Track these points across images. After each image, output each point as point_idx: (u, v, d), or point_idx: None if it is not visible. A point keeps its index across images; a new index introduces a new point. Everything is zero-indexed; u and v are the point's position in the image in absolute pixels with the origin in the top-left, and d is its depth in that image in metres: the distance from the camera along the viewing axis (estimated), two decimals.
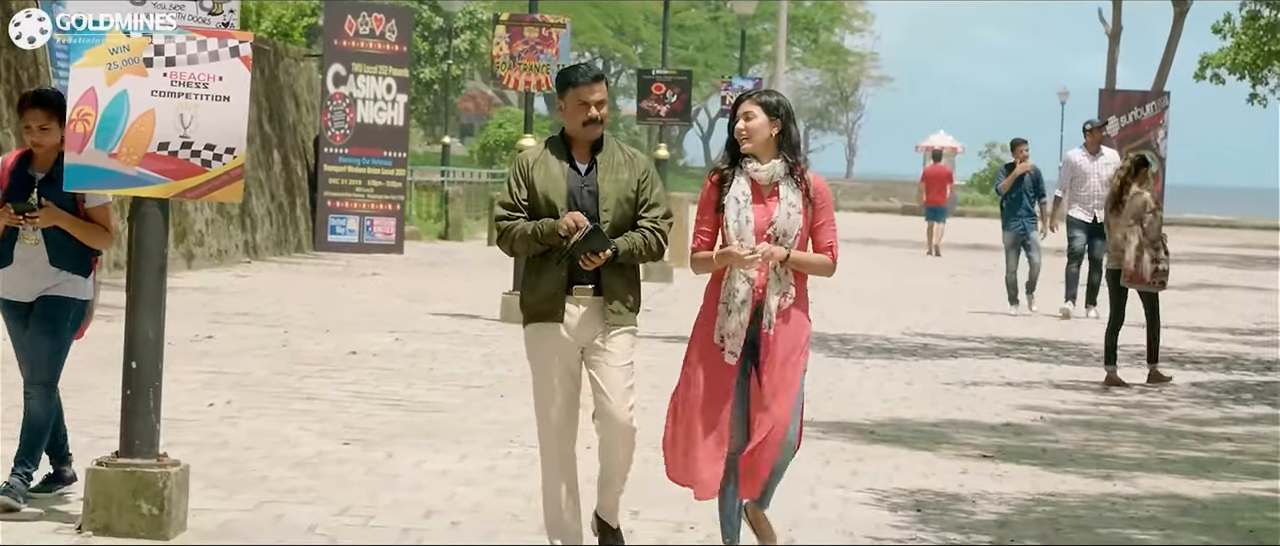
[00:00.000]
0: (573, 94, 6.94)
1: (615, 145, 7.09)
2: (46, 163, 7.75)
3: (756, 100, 7.07)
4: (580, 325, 6.94)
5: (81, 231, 7.72)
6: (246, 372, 12.47)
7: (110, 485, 7.38)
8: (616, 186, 6.95)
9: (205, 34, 7.51)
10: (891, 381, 13.51)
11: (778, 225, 6.94)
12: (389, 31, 25.78)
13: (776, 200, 6.97)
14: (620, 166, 6.99)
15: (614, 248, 6.83)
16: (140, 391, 7.52)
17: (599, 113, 6.97)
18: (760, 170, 7.00)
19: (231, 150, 7.53)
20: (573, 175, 6.95)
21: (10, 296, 7.83)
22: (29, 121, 7.78)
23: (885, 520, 8.39)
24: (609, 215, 6.90)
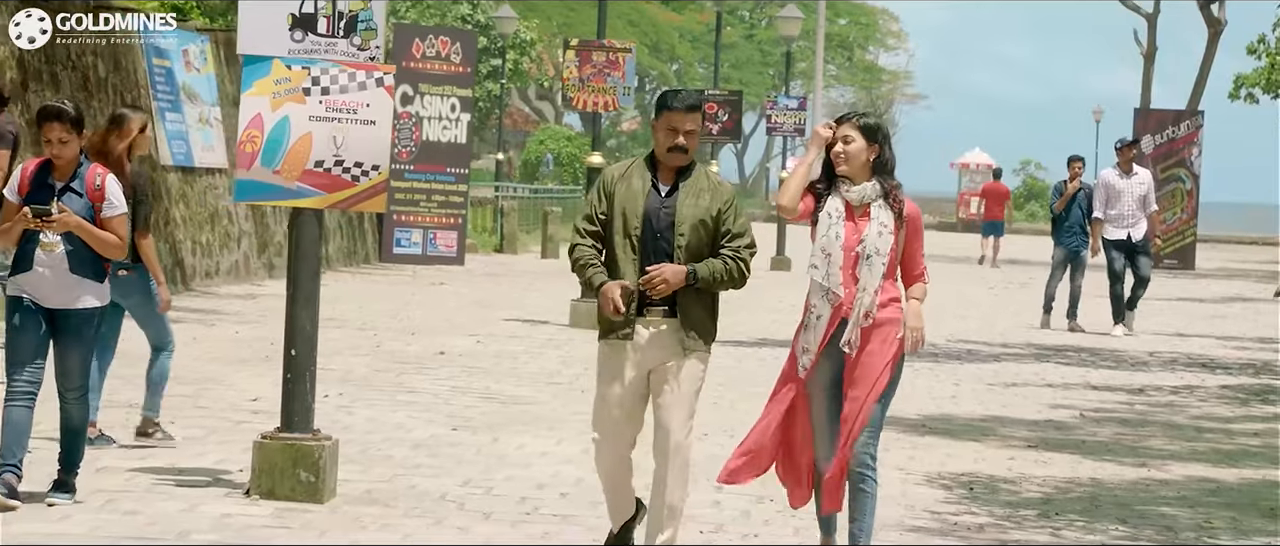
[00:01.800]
0: (666, 117, 7.02)
1: (703, 172, 7.12)
2: (66, 172, 7.99)
3: (856, 124, 7.15)
4: (650, 346, 7.00)
5: (96, 240, 7.93)
6: (349, 370, 13.60)
7: (273, 456, 8.50)
8: (695, 211, 6.98)
9: (354, 67, 8.64)
10: (939, 382, 14.58)
11: (867, 243, 7.05)
12: (454, 53, 26.95)
13: (868, 220, 7.07)
14: (702, 192, 7.02)
15: (693, 272, 6.91)
16: (298, 375, 8.65)
17: (687, 142, 7.01)
18: (852, 191, 7.10)
19: (376, 167, 8.67)
20: (653, 195, 7.01)
21: (36, 300, 7.96)
22: (48, 134, 7.96)
23: (940, 498, 9.47)
24: (684, 239, 6.94)
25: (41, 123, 8.00)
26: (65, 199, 7.91)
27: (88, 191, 7.97)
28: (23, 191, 7.95)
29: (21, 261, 7.95)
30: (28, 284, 7.94)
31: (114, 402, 10.62)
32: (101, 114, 17.88)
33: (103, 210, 7.98)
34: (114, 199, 8.03)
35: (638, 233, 6.98)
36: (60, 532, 7.53)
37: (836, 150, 7.11)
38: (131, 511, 8.02)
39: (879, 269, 7.07)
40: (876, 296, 7.06)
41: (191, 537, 7.58)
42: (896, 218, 7.09)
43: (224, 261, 21.13)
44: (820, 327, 7.07)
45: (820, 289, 7.09)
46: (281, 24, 8.61)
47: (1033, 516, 9.06)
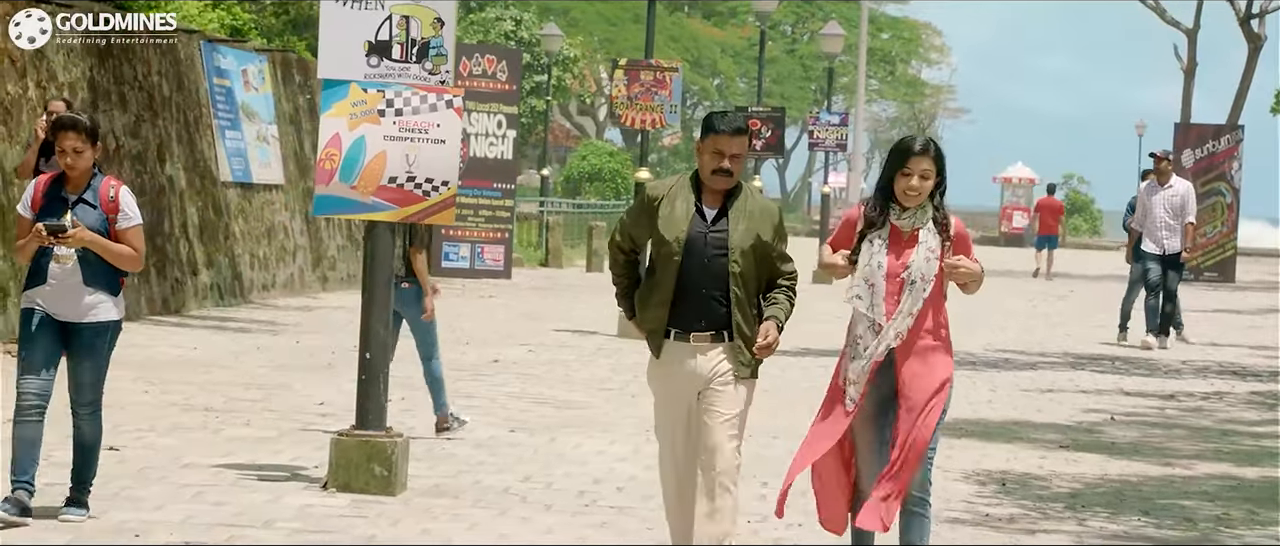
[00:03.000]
0: (712, 141, 6.88)
1: (748, 192, 7.00)
2: (79, 185, 7.86)
3: (932, 157, 6.92)
4: (697, 366, 6.94)
5: (111, 254, 7.81)
6: (408, 376, 14.15)
7: (349, 452, 9.11)
8: (747, 238, 6.88)
9: (426, 89, 9.26)
10: (975, 389, 15.12)
11: (913, 269, 6.91)
12: (500, 72, 27.61)
13: (914, 246, 6.93)
14: (752, 215, 6.91)
15: (778, 325, 6.89)
16: (372, 377, 9.26)
17: (732, 166, 6.88)
18: (904, 218, 6.97)
19: (446, 182, 9.28)
20: (696, 220, 6.89)
21: (52, 313, 7.84)
22: (63, 145, 7.82)
23: (974, 492, 10.02)
24: (738, 266, 6.85)
25: (56, 133, 7.89)
26: (78, 211, 7.79)
27: (102, 203, 7.85)
28: (36, 206, 7.85)
29: (35, 275, 7.84)
30: (41, 296, 7.83)
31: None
32: (166, 132, 18.63)
33: (118, 222, 7.85)
34: (129, 210, 7.91)
35: (678, 260, 6.85)
36: (156, 521, 8.13)
37: (913, 184, 6.90)
38: (220, 502, 8.63)
39: (922, 294, 6.89)
40: (911, 320, 6.88)
41: (277, 525, 8.17)
42: (943, 242, 6.93)
43: (280, 274, 21.81)
44: (868, 357, 6.91)
45: (865, 319, 6.93)
46: (359, 50, 9.21)
47: (1060, 509, 9.60)
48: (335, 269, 23.93)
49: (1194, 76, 47.71)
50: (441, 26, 9.35)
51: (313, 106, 23.96)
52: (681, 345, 6.92)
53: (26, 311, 7.87)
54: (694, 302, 6.88)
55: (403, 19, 9.30)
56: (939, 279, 6.92)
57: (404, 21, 9.29)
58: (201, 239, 19.24)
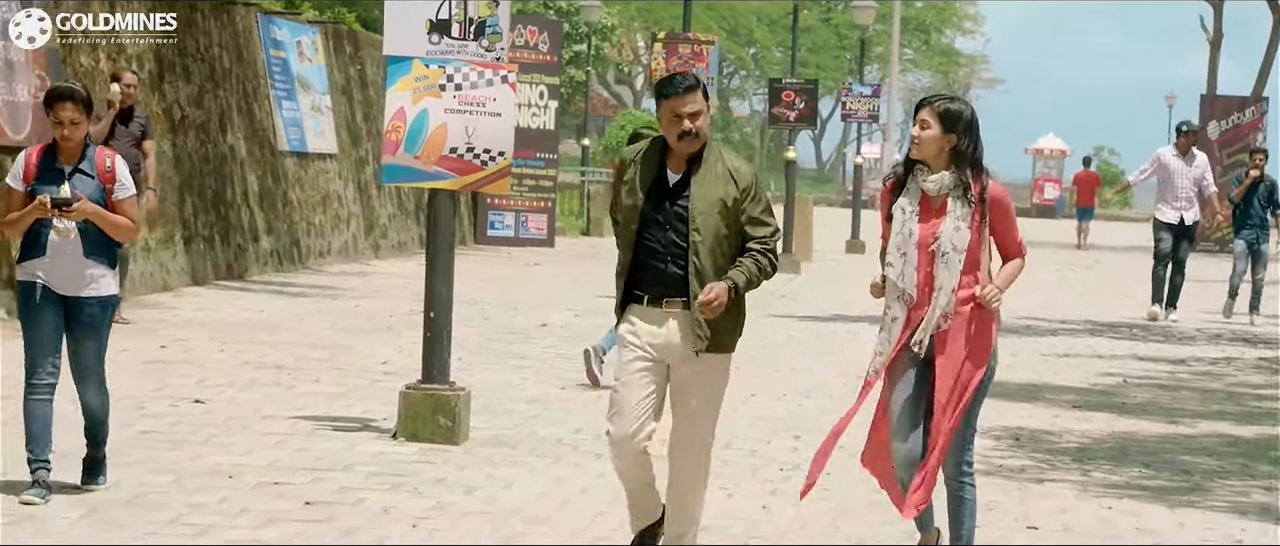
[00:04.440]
0: (665, 106, 6.61)
1: (718, 155, 6.71)
2: (73, 155, 7.76)
3: (936, 110, 6.76)
4: (667, 334, 6.69)
5: (110, 224, 7.73)
6: (464, 339, 15.00)
7: (416, 404, 9.96)
8: (709, 204, 6.60)
9: (483, 66, 10.08)
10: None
11: (943, 239, 6.67)
12: (542, 42, 28.44)
13: (944, 215, 6.70)
14: (717, 182, 6.63)
15: (734, 286, 6.57)
16: (437, 334, 10.10)
17: (694, 125, 6.60)
18: (929, 181, 6.75)
19: (502, 153, 10.12)
20: (661, 186, 6.66)
21: (51, 286, 7.73)
22: (60, 116, 7.69)
23: (989, 446, 10.82)
24: (699, 234, 6.58)
25: (52, 104, 7.74)
26: (77, 182, 7.69)
27: (99, 173, 7.76)
28: (29, 178, 7.71)
29: (32, 246, 7.71)
30: (41, 269, 7.70)
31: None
32: (227, 102, 19.53)
33: (114, 192, 7.76)
34: (124, 180, 7.83)
35: (636, 227, 6.66)
36: (246, 464, 8.99)
37: (913, 133, 6.80)
38: (301, 449, 9.50)
39: (956, 266, 6.66)
40: (953, 297, 6.67)
41: (355, 469, 9.03)
42: (976, 211, 6.68)
43: (335, 241, 22.71)
44: (896, 330, 6.75)
45: (896, 289, 6.75)
46: (421, 29, 10.02)
47: (1068, 462, 10.42)
48: (387, 236, 24.86)
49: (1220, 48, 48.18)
50: (496, 6, 10.16)
51: (363, 77, 24.85)
52: (653, 310, 6.66)
53: (26, 285, 7.73)
54: (659, 271, 6.63)
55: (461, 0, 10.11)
56: (974, 249, 6.66)
57: (463, 2, 10.10)
58: (261, 206, 20.15)
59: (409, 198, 26.12)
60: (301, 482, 8.57)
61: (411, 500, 8.31)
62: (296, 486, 8.46)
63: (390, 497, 8.33)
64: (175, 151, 17.93)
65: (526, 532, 7.79)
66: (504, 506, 8.31)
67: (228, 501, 8.02)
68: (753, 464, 9.75)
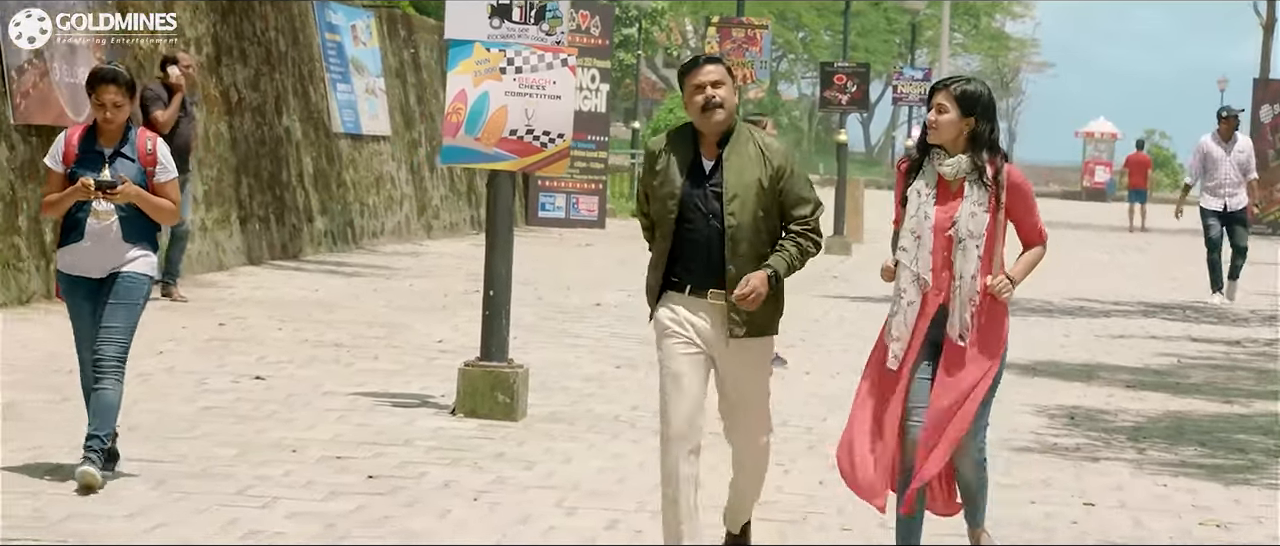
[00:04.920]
0: (687, 83, 6.43)
1: (748, 136, 6.47)
2: (114, 137, 7.66)
3: (952, 92, 6.56)
4: (709, 324, 6.48)
5: (152, 207, 7.63)
6: (518, 318, 15.10)
7: (475, 381, 10.08)
8: (744, 186, 6.38)
9: (543, 49, 10.17)
10: (1050, 333, 15.94)
11: (959, 225, 6.49)
12: (594, 26, 28.54)
13: (961, 199, 6.51)
14: (750, 163, 6.40)
15: (774, 274, 6.37)
16: (496, 312, 10.22)
17: (717, 93, 6.37)
18: (946, 165, 6.55)
19: (562, 135, 10.21)
20: (695, 173, 6.43)
21: (81, 273, 7.64)
22: (102, 98, 7.59)
23: (1043, 425, 10.88)
24: (735, 218, 6.36)
25: (94, 86, 7.65)
26: (117, 165, 7.60)
27: (140, 155, 7.66)
28: (69, 161, 7.61)
29: (71, 231, 7.61)
30: (78, 259, 7.63)
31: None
32: (282, 85, 19.70)
33: (155, 175, 7.67)
34: (165, 162, 7.73)
35: (675, 215, 6.40)
36: (309, 438, 9.13)
37: (929, 116, 6.57)
38: (362, 424, 9.63)
39: (974, 253, 6.47)
40: (974, 283, 6.48)
41: (415, 443, 9.16)
42: (993, 196, 6.49)
43: (388, 222, 22.89)
44: (911, 314, 6.53)
45: (908, 272, 6.54)
46: (482, 13, 10.13)
47: (1123, 440, 10.46)
48: (439, 218, 25.03)
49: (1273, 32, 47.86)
50: None
51: (417, 61, 25.02)
52: (696, 300, 6.43)
53: (67, 277, 7.69)
54: (698, 260, 6.40)
55: None
56: (991, 235, 6.48)
57: None
58: (316, 187, 20.32)
59: (461, 179, 26.27)
60: (363, 457, 8.69)
61: (472, 474, 8.43)
62: (359, 460, 8.58)
63: (451, 471, 8.45)
64: (232, 133, 18.11)
65: (588, 506, 7.88)
66: (563, 480, 8.42)
67: (292, 474, 8.15)
68: (808, 441, 9.84)
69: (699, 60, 6.47)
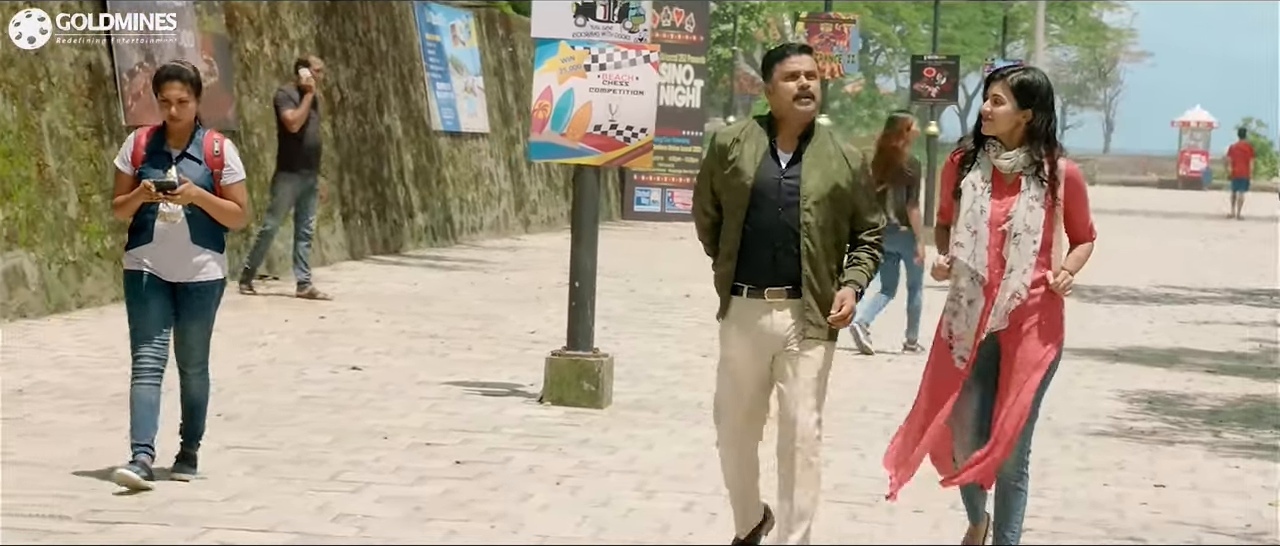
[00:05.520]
0: (778, 69, 6.27)
1: (827, 136, 6.38)
2: (182, 138, 7.58)
3: (1009, 84, 6.36)
4: (772, 325, 6.31)
5: (216, 209, 7.56)
6: (608, 309, 15.46)
7: (561, 370, 10.39)
8: (823, 184, 6.24)
9: (626, 46, 10.47)
10: (1135, 320, 16.06)
11: (1015, 220, 6.33)
12: (688, 23, 28.83)
13: (1017, 193, 6.35)
14: (830, 162, 6.27)
15: (859, 289, 6.29)
16: (581, 303, 10.53)
17: (811, 84, 6.27)
18: (1003, 159, 6.37)
19: (645, 130, 10.51)
20: (770, 165, 6.26)
21: (158, 273, 7.58)
22: (167, 95, 7.51)
23: (1122, 409, 11.05)
24: (811, 215, 6.22)
25: (160, 83, 7.57)
26: (183, 166, 7.53)
27: (206, 157, 7.57)
28: (137, 161, 7.57)
29: (139, 231, 7.59)
30: (148, 256, 7.57)
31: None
32: (383, 84, 20.14)
33: (222, 177, 7.58)
34: (233, 165, 7.62)
35: (746, 209, 6.26)
36: (401, 426, 9.48)
37: (984, 107, 6.39)
38: (453, 412, 9.96)
39: (1029, 248, 6.33)
40: (1026, 277, 6.34)
41: (503, 430, 9.48)
42: (1050, 192, 6.35)
43: (486, 217, 23.32)
44: (974, 314, 6.38)
45: (966, 270, 6.38)
46: (567, 12, 10.44)
47: (1199, 424, 10.62)
48: (536, 212, 25.44)
49: None
50: None
51: (514, 59, 25.42)
52: (755, 302, 6.30)
53: (132, 274, 7.61)
54: (765, 256, 6.26)
55: None
56: (1047, 229, 6.34)
57: None
58: (416, 184, 20.78)
59: (558, 174, 26.65)
60: (452, 443, 9.02)
61: (556, 459, 8.74)
62: (447, 446, 8.91)
63: (536, 457, 8.76)
64: (335, 132, 18.57)
65: (667, 489, 8.16)
66: (645, 465, 8.70)
67: (383, 460, 8.49)
68: (886, 426, 10.05)
69: (792, 47, 6.34)
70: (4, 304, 12.29)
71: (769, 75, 6.31)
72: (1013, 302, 6.35)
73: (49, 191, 12.96)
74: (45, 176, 12.94)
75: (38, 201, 12.81)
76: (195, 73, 7.66)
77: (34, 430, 8.76)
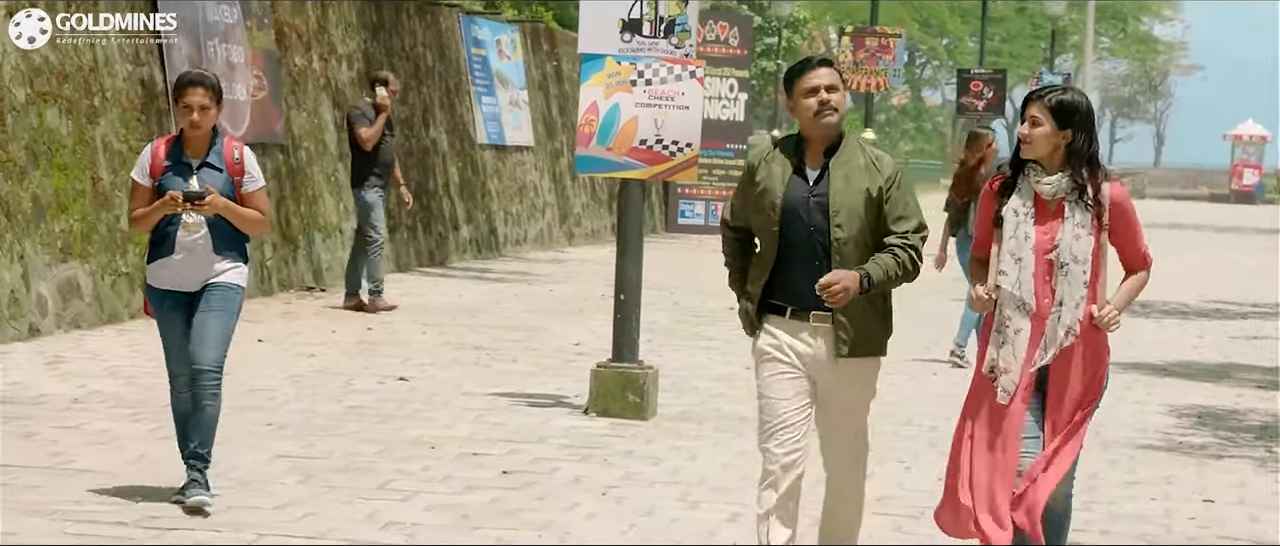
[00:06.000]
0: (798, 86, 6.11)
1: (856, 146, 6.19)
2: (201, 148, 7.38)
3: (1047, 104, 6.11)
4: (812, 347, 6.12)
5: (241, 219, 7.36)
6: (653, 321, 15.52)
7: (607, 382, 10.44)
8: (851, 196, 6.05)
9: (672, 62, 10.52)
10: (1185, 335, 16.00)
11: (1062, 248, 6.05)
12: (732, 37, 28.87)
13: (1062, 219, 6.07)
14: (858, 172, 6.08)
15: (867, 277, 5.97)
16: (626, 316, 10.58)
17: (832, 97, 6.09)
18: (1044, 183, 6.10)
19: (690, 144, 10.55)
20: (798, 183, 6.09)
21: (174, 287, 7.39)
22: (189, 101, 7.27)
23: (1171, 424, 11.02)
24: (842, 230, 6.03)
25: (181, 89, 7.34)
26: (205, 175, 7.34)
27: (227, 165, 7.38)
28: (156, 173, 7.35)
29: (160, 245, 7.37)
30: (169, 270, 7.37)
31: None
32: (429, 98, 20.24)
33: (243, 185, 7.40)
34: (253, 172, 7.45)
35: (777, 229, 6.09)
36: (447, 436, 9.53)
37: (1022, 130, 6.15)
38: (498, 423, 10.03)
39: (1079, 278, 6.06)
40: (1078, 312, 6.07)
41: (549, 441, 9.53)
42: (1095, 216, 6.07)
43: (531, 230, 23.40)
44: (1021, 342, 6.09)
45: (1013, 299, 6.10)
46: (613, 28, 10.49)
47: (1250, 439, 10.58)
48: (580, 225, 25.51)
49: None
50: (685, 6, 10.58)
51: (559, 73, 25.52)
52: (797, 323, 6.10)
53: (158, 293, 7.43)
54: (802, 275, 6.06)
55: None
56: (1095, 259, 6.07)
57: (653, 2, 10.55)
58: (461, 197, 20.88)
59: (602, 188, 26.73)
60: (499, 453, 9.07)
61: (601, 470, 8.78)
62: (494, 456, 8.96)
63: (581, 467, 8.80)
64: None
65: (711, 500, 8.20)
66: (689, 476, 8.73)
67: (430, 469, 8.55)
68: (931, 439, 10.07)
69: (811, 61, 6.17)
70: (59, 314, 12.42)
71: (790, 92, 6.15)
72: (1068, 340, 6.08)
73: (102, 204, 13.09)
74: (99, 190, 13.08)
75: (92, 214, 12.94)
76: (217, 80, 7.45)
77: (91, 438, 8.86)
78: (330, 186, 17.29)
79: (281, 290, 15.77)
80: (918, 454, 9.54)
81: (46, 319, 12.26)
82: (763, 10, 49.72)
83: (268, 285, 15.54)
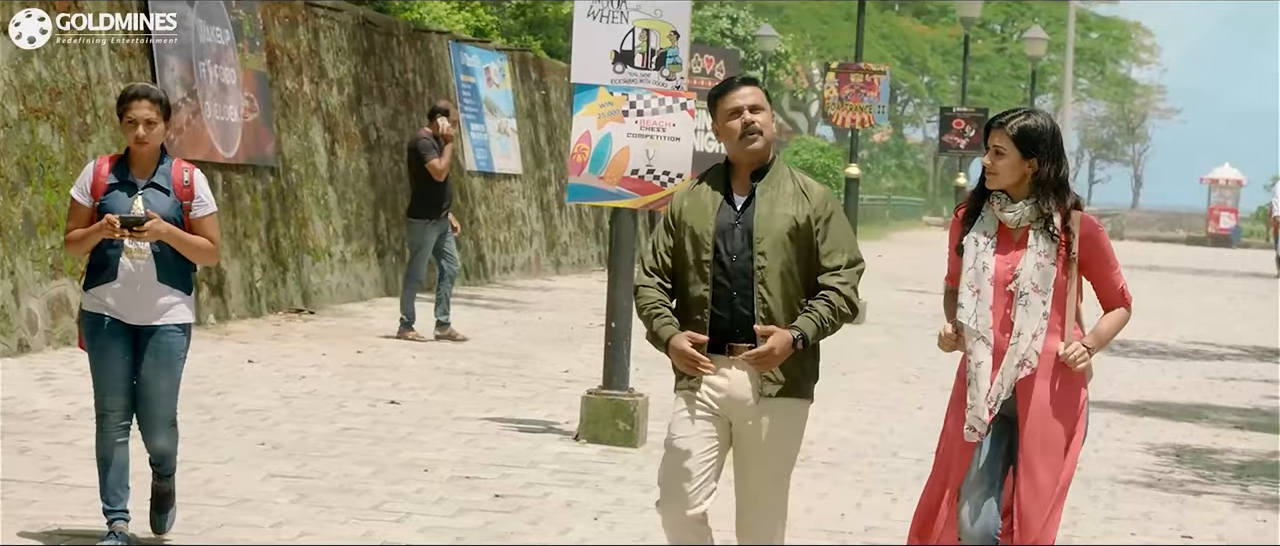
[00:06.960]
0: (721, 106, 5.76)
1: (787, 173, 5.80)
2: (148, 168, 6.87)
3: (1009, 133, 5.80)
4: (733, 391, 5.72)
5: (187, 247, 6.84)
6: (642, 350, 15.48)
7: (597, 408, 10.55)
8: (775, 223, 5.68)
9: (663, 93, 10.66)
10: (1163, 375, 16.16)
11: (1021, 278, 5.78)
12: (718, 71, 28.98)
13: (1024, 249, 5.80)
14: (785, 199, 5.71)
15: (801, 337, 5.60)
16: (617, 343, 10.69)
17: (756, 118, 5.70)
18: (1008, 212, 5.83)
19: (681, 174, 10.68)
20: (725, 210, 5.72)
21: (120, 317, 6.85)
22: (134, 115, 6.80)
23: (1150, 462, 11.16)
24: (766, 259, 5.65)
25: (126, 102, 6.86)
26: (149, 196, 6.82)
27: (175, 188, 6.86)
28: (97, 192, 6.83)
29: (100, 270, 6.84)
30: (110, 296, 6.83)
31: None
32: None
33: (192, 209, 6.88)
34: (203, 196, 6.93)
35: (708, 259, 5.70)
36: (440, 459, 9.63)
37: (986, 162, 5.88)
38: (490, 447, 10.13)
39: (1038, 309, 5.77)
40: (1037, 343, 5.79)
41: (540, 466, 9.64)
42: (1062, 247, 5.79)
43: (518, 257, 23.52)
44: (982, 375, 5.81)
45: (972, 333, 5.83)
46: (606, 59, 10.63)
47: (1227, 477, 10.73)
48: (567, 254, 25.65)
49: None
50: (677, 38, 10.73)
51: (547, 102, 25.66)
52: (715, 356, 5.70)
53: (93, 317, 6.87)
54: (723, 310, 5.70)
55: (644, 31, 10.70)
56: (1061, 291, 5.79)
57: (645, 34, 10.69)
58: None
59: (589, 217, 26.86)
60: (491, 477, 9.18)
61: (593, 495, 8.89)
62: (487, 480, 9.07)
63: (573, 492, 8.91)
64: (371, 170, 18.79)
65: None
66: None
67: (424, 492, 8.65)
68: (918, 472, 10.18)
69: (734, 82, 5.80)
70: (48, 331, 12.50)
71: (714, 114, 5.81)
72: (1021, 371, 5.79)
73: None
74: None
75: None
76: (164, 94, 6.96)
77: (84, 454, 8.92)
78: (320, 209, 17.40)
79: (270, 312, 15.85)
80: (904, 486, 9.67)
81: (36, 335, 12.34)
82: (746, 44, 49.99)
83: (257, 306, 15.63)
